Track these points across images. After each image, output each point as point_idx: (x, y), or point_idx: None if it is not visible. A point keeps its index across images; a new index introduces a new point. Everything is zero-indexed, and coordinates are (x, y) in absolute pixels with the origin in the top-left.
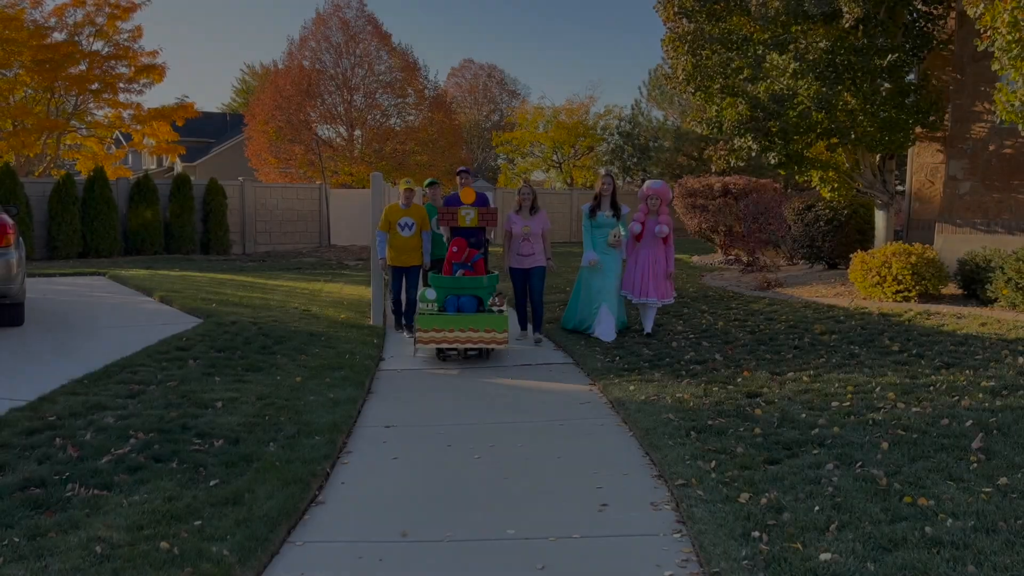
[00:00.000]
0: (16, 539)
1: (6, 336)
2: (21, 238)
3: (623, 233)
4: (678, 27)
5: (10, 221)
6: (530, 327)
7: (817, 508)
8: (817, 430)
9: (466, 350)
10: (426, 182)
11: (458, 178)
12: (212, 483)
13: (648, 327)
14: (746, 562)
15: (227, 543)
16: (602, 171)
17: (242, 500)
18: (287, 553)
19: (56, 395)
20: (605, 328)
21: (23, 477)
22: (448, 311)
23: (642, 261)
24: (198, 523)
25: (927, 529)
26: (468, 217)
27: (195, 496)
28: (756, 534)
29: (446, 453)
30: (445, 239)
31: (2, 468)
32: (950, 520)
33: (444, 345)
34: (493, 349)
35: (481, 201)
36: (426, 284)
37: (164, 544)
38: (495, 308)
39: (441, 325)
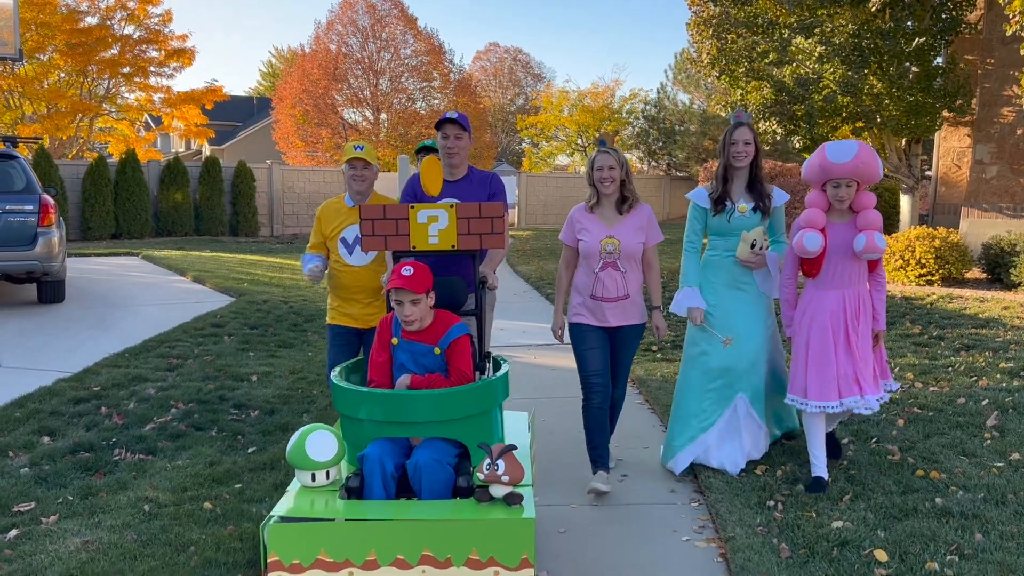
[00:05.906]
0: (70, 497)
1: (49, 312)
2: (61, 218)
3: (770, 243)
4: (704, 11)
5: (52, 202)
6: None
7: (831, 480)
8: None
9: None
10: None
11: (439, 134)
12: (250, 450)
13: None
14: (760, 528)
15: (266, 505)
16: (732, 118)
17: (279, 466)
18: None
19: (99, 367)
20: (748, 440)
21: (73, 442)
22: (371, 490)
23: (828, 314)
24: (238, 486)
25: (938, 500)
26: (434, 229)
27: (234, 462)
28: (771, 503)
29: None
30: (382, 283)
31: (53, 433)
32: (960, 492)
33: None
34: None
35: (479, 186)
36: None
37: (207, 504)
38: (495, 482)
39: (344, 542)
